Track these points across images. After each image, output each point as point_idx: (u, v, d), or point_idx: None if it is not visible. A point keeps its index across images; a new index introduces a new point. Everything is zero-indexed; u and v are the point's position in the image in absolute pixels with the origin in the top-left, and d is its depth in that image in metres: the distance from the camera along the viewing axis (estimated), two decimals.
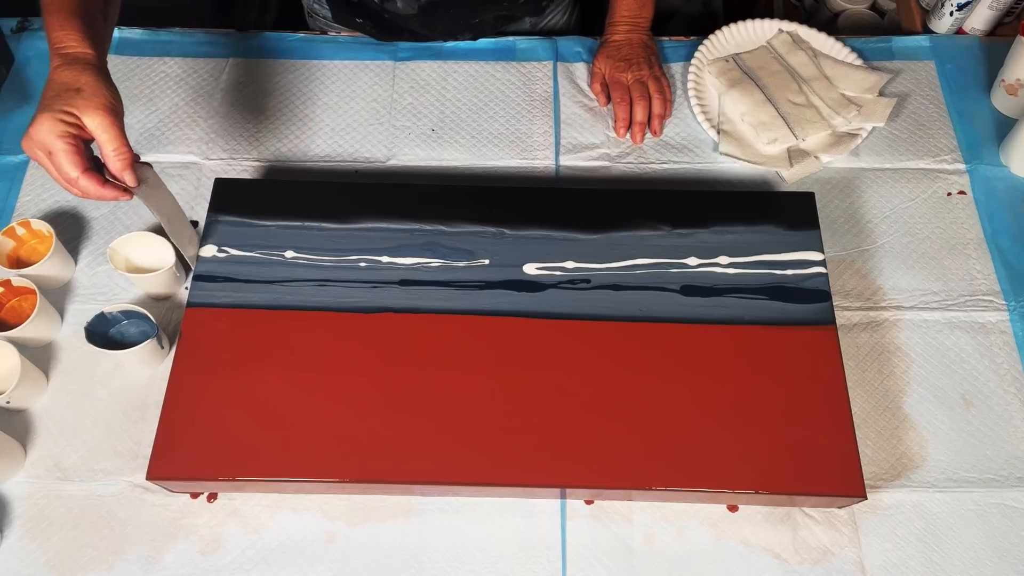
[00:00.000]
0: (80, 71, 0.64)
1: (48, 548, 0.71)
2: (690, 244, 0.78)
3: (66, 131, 0.62)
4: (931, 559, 0.71)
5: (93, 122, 0.64)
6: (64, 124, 0.62)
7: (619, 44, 0.95)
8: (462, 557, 0.71)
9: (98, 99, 0.64)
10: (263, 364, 0.71)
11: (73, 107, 0.63)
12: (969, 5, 0.99)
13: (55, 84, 0.64)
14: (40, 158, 0.64)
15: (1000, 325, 0.82)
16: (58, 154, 0.63)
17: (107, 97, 0.64)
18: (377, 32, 0.98)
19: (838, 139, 0.92)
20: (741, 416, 0.70)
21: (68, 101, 0.63)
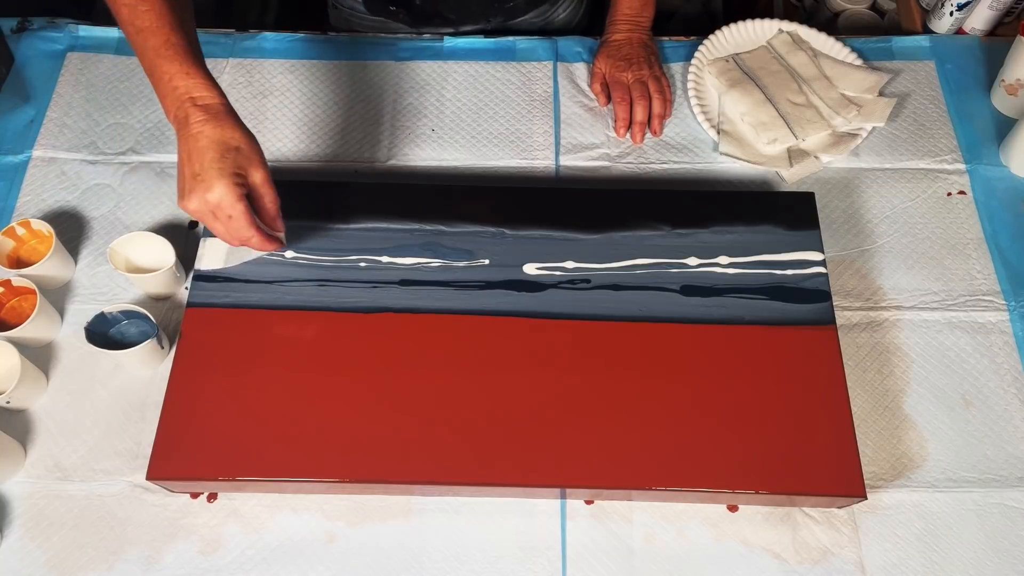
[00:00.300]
0: (225, 124, 0.64)
1: (48, 548, 0.71)
2: (690, 244, 0.78)
3: (242, 194, 0.64)
4: (931, 559, 0.71)
5: (256, 179, 0.65)
6: (240, 188, 0.64)
7: (619, 43, 0.95)
8: (462, 557, 0.71)
9: (256, 155, 0.65)
10: (263, 364, 0.71)
11: (241, 168, 0.64)
12: (969, 5, 0.99)
13: (212, 143, 0.63)
14: (209, 218, 0.65)
15: (1000, 325, 0.82)
16: (238, 218, 0.64)
17: (260, 150, 0.66)
18: (410, 19, 0.97)
19: (838, 139, 0.92)
20: (741, 416, 0.70)
21: (236, 163, 0.63)
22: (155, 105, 0.94)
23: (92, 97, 0.95)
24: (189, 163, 0.63)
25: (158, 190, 0.89)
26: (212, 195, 0.63)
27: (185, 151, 0.64)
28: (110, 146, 0.92)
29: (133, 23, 0.65)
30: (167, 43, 0.64)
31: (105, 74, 0.96)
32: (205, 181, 0.63)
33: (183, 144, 0.64)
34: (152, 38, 0.64)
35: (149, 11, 0.64)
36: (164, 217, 0.87)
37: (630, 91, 0.92)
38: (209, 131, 0.63)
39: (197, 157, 0.63)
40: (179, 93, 0.64)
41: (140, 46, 0.65)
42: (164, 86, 0.64)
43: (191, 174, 0.63)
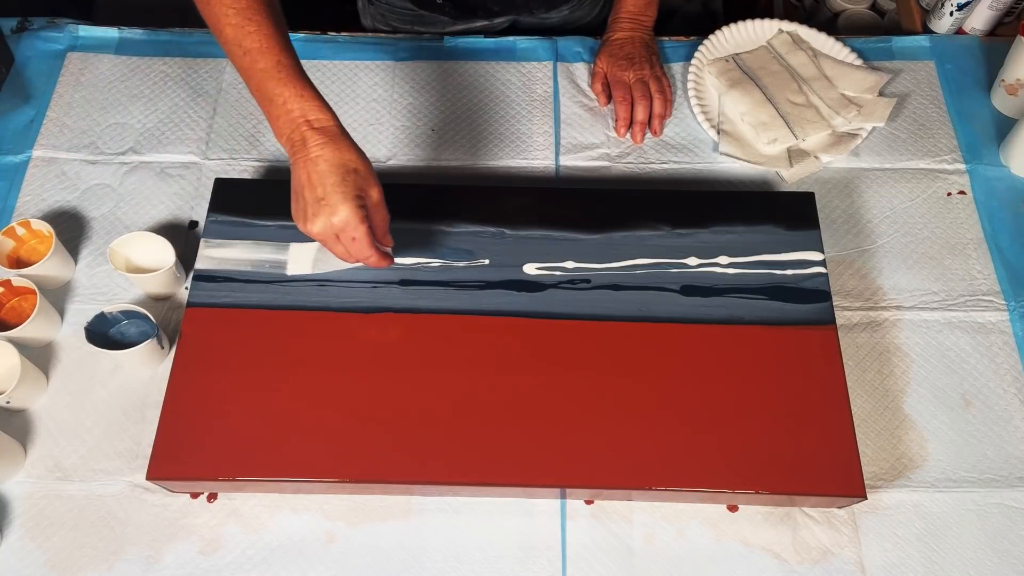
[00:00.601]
0: (342, 146, 0.64)
1: (48, 548, 0.71)
2: (690, 244, 0.78)
3: (364, 216, 0.64)
4: (931, 559, 0.71)
5: (373, 199, 0.65)
6: (362, 210, 0.64)
7: (621, 42, 0.95)
8: (462, 557, 0.71)
9: (372, 175, 0.65)
10: (263, 364, 0.71)
11: (361, 190, 0.64)
12: (969, 5, 0.99)
13: (333, 166, 0.63)
14: (331, 240, 0.65)
15: (1000, 325, 0.82)
16: (361, 239, 0.65)
17: (373, 169, 0.66)
18: (454, 12, 0.97)
19: (838, 139, 0.92)
20: (741, 416, 0.70)
21: (356, 184, 0.64)
22: (155, 105, 0.94)
23: (92, 97, 0.95)
24: (311, 187, 0.63)
25: (158, 190, 0.89)
26: (337, 218, 0.63)
27: (304, 174, 0.63)
28: (110, 146, 0.92)
29: (240, 44, 0.64)
30: (278, 65, 0.63)
31: (105, 74, 0.96)
32: (330, 205, 0.63)
33: (301, 167, 0.64)
34: (262, 60, 0.63)
35: (257, 32, 0.63)
36: (164, 217, 0.87)
37: (631, 91, 0.92)
38: (328, 154, 0.63)
39: (319, 181, 0.63)
40: (294, 116, 0.64)
41: (247, 67, 0.64)
42: (277, 109, 0.64)
43: (314, 198, 0.63)
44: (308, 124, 0.63)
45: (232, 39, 0.64)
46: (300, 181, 0.64)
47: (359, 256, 0.67)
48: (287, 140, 0.64)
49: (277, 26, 0.65)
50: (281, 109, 0.64)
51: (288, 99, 0.63)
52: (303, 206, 0.64)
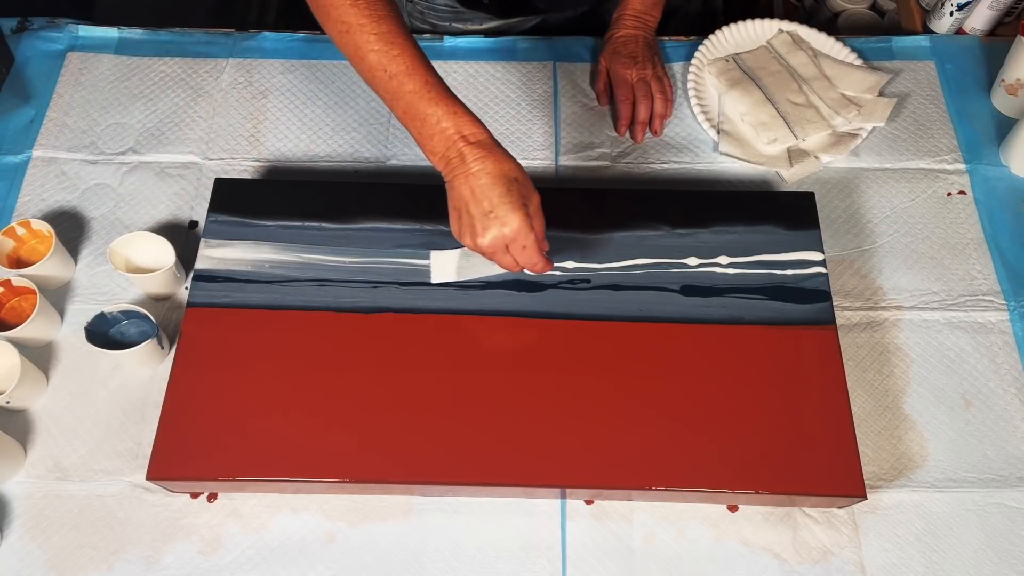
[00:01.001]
0: (500, 157, 0.64)
1: (48, 548, 0.71)
2: (690, 244, 0.78)
3: (531, 224, 0.65)
4: (931, 559, 0.71)
5: (534, 206, 0.66)
6: (529, 218, 0.65)
7: (625, 40, 0.95)
8: (462, 557, 0.71)
9: (529, 182, 0.66)
10: (263, 364, 0.71)
11: (524, 198, 0.65)
12: (969, 5, 0.99)
13: (496, 178, 0.63)
14: (500, 252, 0.66)
15: (1000, 325, 0.82)
16: (531, 247, 0.66)
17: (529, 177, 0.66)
18: (498, 10, 0.98)
19: (838, 139, 0.92)
20: (741, 416, 0.70)
21: (522, 194, 0.65)
22: (155, 105, 0.94)
23: (92, 97, 0.95)
24: (475, 201, 0.64)
25: (158, 190, 0.89)
26: (508, 229, 0.64)
27: (467, 189, 0.64)
28: (110, 146, 0.92)
29: (386, 68, 0.64)
30: (427, 85, 0.64)
31: (105, 74, 0.96)
32: (499, 217, 0.64)
33: (463, 182, 0.64)
34: (410, 82, 0.64)
35: (401, 55, 0.64)
36: (164, 217, 0.87)
37: (634, 90, 0.92)
38: (489, 167, 0.64)
39: (484, 194, 0.64)
40: (449, 133, 0.64)
41: (394, 90, 0.65)
42: (430, 128, 0.64)
43: (481, 212, 0.64)
44: (464, 139, 0.64)
45: (376, 64, 0.65)
46: (462, 197, 0.64)
47: (528, 264, 0.67)
48: (441, 158, 0.65)
49: (417, 47, 0.65)
50: (435, 128, 0.64)
51: (441, 117, 0.64)
52: (469, 221, 0.65)
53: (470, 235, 0.65)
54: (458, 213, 0.66)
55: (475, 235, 0.65)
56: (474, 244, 0.66)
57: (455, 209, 0.66)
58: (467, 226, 0.65)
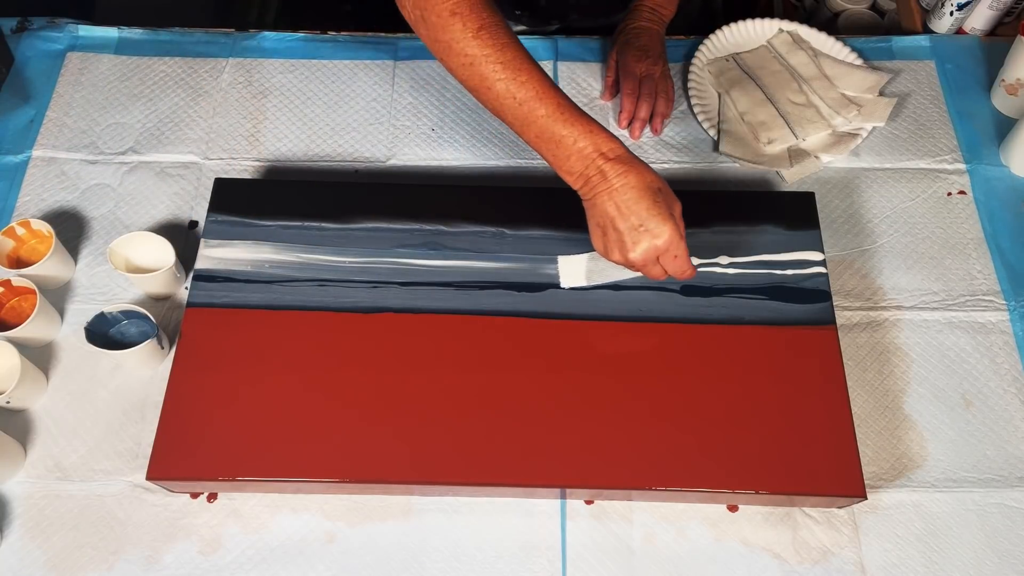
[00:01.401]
0: (640, 170, 0.64)
1: (48, 548, 0.71)
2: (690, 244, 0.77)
3: (682, 232, 0.65)
4: (931, 559, 0.71)
5: (678, 212, 0.67)
6: (678, 227, 0.65)
7: (638, 31, 0.95)
8: (462, 557, 0.71)
9: (670, 190, 0.66)
10: (263, 364, 0.71)
11: (671, 208, 0.65)
12: (969, 5, 0.99)
13: (641, 192, 0.64)
14: (651, 264, 0.66)
15: (1000, 325, 0.82)
16: (682, 255, 0.66)
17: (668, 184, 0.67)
18: (533, 21, 0.98)
19: (838, 139, 0.92)
20: (741, 416, 0.70)
21: (668, 204, 0.65)
22: (155, 105, 0.94)
23: (92, 97, 0.95)
24: (623, 216, 0.64)
25: (158, 190, 0.89)
26: (661, 241, 0.64)
27: (613, 206, 0.64)
28: (110, 146, 0.92)
29: (514, 96, 0.64)
30: (559, 107, 0.64)
31: (105, 74, 0.96)
32: (650, 230, 0.64)
33: (607, 199, 0.64)
34: (542, 106, 0.64)
35: (529, 80, 0.64)
36: (164, 217, 0.87)
37: (640, 86, 0.92)
38: (633, 180, 0.64)
39: (630, 209, 0.64)
40: (587, 152, 0.64)
41: (524, 116, 0.65)
42: (566, 149, 0.65)
43: (630, 227, 0.64)
44: (603, 156, 0.64)
45: (504, 93, 0.65)
46: (607, 214, 0.65)
47: (678, 272, 0.67)
48: (579, 177, 0.65)
49: (541, 71, 0.65)
50: (572, 148, 0.64)
51: (578, 137, 0.64)
52: (617, 237, 0.65)
53: (618, 250, 0.66)
54: (602, 230, 0.66)
55: (625, 250, 0.65)
56: (624, 259, 0.66)
57: (598, 226, 0.67)
58: (614, 242, 0.66)
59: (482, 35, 0.64)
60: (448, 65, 0.67)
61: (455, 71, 0.67)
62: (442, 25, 0.65)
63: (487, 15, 0.65)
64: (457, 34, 0.64)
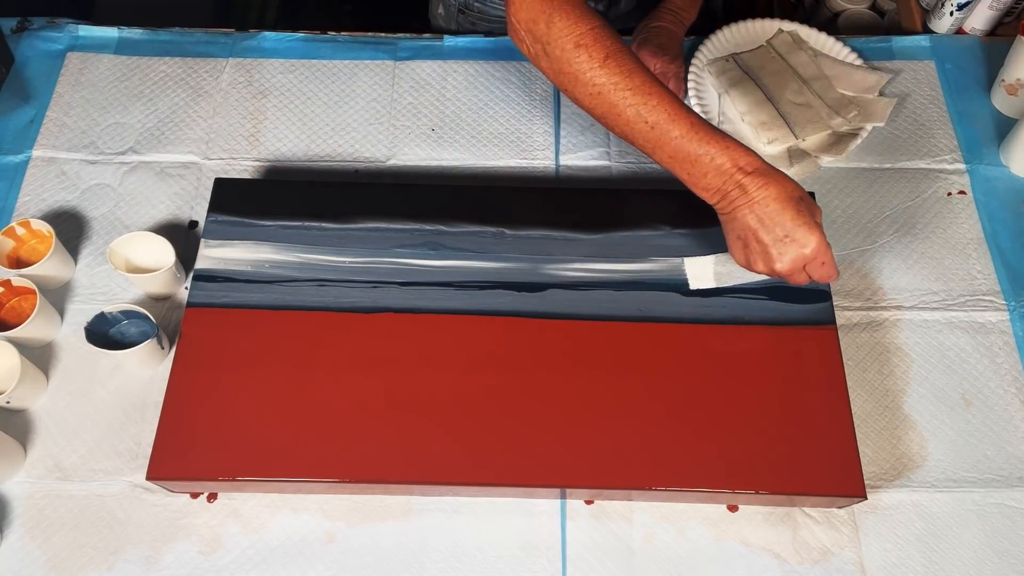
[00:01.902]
0: (780, 180, 0.65)
1: (48, 548, 0.71)
2: (690, 244, 0.78)
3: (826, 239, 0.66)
4: (931, 559, 0.71)
5: (819, 218, 0.67)
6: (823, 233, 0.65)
7: (658, 31, 0.95)
8: (462, 557, 0.71)
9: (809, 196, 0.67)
10: (263, 364, 0.71)
11: (813, 215, 0.65)
12: (969, 5, 0.99)
13: (783, 202, 0.64)
14: (798, 272, 0.66)
15: (1000, 325, 0.82)
16: (829, 261, 0.66)
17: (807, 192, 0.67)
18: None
19: (838, 139, 0.92)
20: (741, 416, 0.70)
21: (810, 211, 0.65)
22: (155, 105, 0.94)
23: (92, 97, 0.95)
24: (766, 228, 0.65)
25: (158, 190, 0.89)
26: (809, 250, 0.64)
27: (754, 218, 0.65)
28: (110, 146, 0.92)
29: (646, 120, 0.65)
30: (692, 127, 0.65)
31: (105, 74, 0.96)
32: (797, 240, 0.64)
33: (748, 211, 0.65)
34: (675, 128, 0.65)
35: (659, 103, 0.65)
36: (164, 217, 0.87)
37: None
38: (774, 192, 0.64)
39: (774, 220, 0.64)
40: (725, 168, 0.64)
41: (657, 139, 0.66)
42: (703, 167, 0.65)
43: (775, 239, 0.65)
44: (741, 171, 0.64)
45: (635, 118, 0.65)
46: (749, 227, 0.65)
47: (824, 277, 0.67)
48: (716, 192, 0.66)
49: (669, 91, 0.66)
50: (709, 166, 0.65)
51: (715, 155, 0.64)
52: (761, 249, 0.66)
53: (763, 262, 0.66)
54: (743, 243, 0.67)
55: (771, 261, 0.65)
56: (769, 270, 0.66)
57: (739, 239, 0.67)
58: (758, 254, 0.66)
59: (609, 64, 0.65)
60: (573, 95, 0.67)
61: (581, 100, 0.67)
62: (567, 58, 0.65)
63: (610, 42, 0.65)
64: (583, 65, 0.65)
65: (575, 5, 0.65)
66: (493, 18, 1.04)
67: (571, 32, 0.65)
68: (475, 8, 1.03)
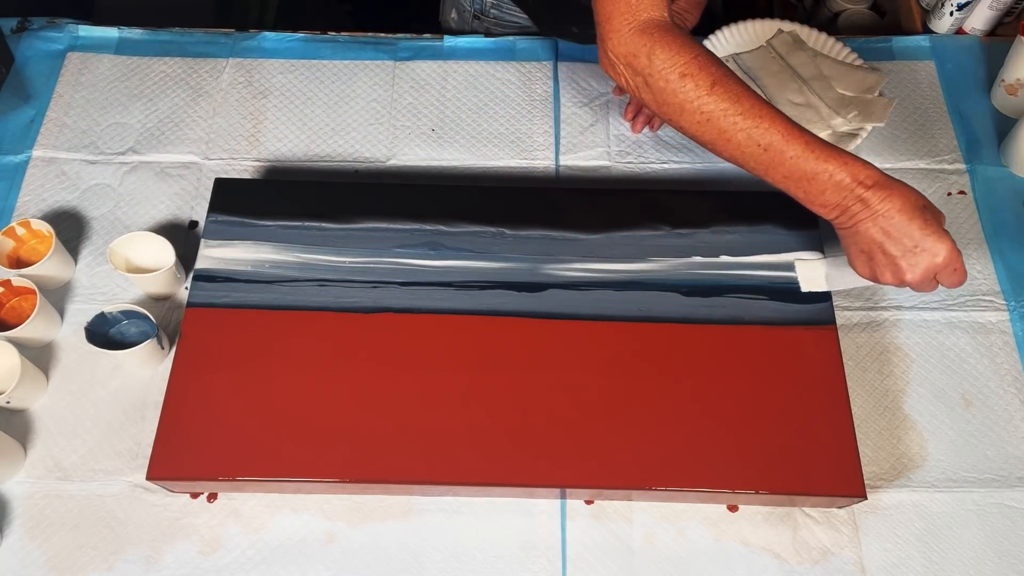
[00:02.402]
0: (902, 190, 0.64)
1: (48, 548, 0.71)
2: (690, 244, 0.78)
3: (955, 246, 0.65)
4: (931, 559, 0.71)
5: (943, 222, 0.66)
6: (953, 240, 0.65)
7: None
8: (462, 557, 0.71)
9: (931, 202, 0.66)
10: (263, 364, 0.71)
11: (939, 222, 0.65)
12: (969, 5, 0.99)
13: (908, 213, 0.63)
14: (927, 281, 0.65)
15: (1000, 325, 0.82)
16: (960, 267, 0.65)
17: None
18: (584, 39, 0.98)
19: (838, 139, 0.92)
20: (741, 416, 0.70)
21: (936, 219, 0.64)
22: (155, 105, 0.94)
23: (92, 97, 0.95)
24: (893, 241, 0.64)
25: (158, 190, 0.89)
26: (940, 258, 0.64)
27: (878, 231, 0.64)
28: (110, 146, 0.92)
29: (758, 144, 0.65)
30: (807, 146, 0.64)
31: (105, 74, 0.96)
32: (927, 249, 0.63)
33: (872, 225, 0.64)
34: (789, 148, 0.64)
35: (771, 126, 0.64)
36: (164, 217, 0.87)
37: None
38: (898, 204, 0.63)
39: (901, 232, 0.64)
40: (845, 184, 0.64)
41: (770, 161, 0.65)
42: (820, 185, 0.64)
43: (903, 250, 0.64)
44: (862, 185, 0.64)
45: (746, 142, 0.65)
46: (873, 240, 0.65)
47: (955, 283, 0.66)
48: (835, 208, 0.65)
49: (778, 112, 0.65)
50: (827, 183, 0.64)
51: (833, 171, 0.64)
52: (888, 261, 0.65)
53: (892, 274, 0.66)
54: (868, 256, 0.66)
55: (900, 272, 0.65)
56: (899, 281, 0.66)
57: (863, 252, 0.67)
58: (885, 266, 0.66)
59: (716, 91, 0.64)
60: (679, 123, 0.67)
61: (687, 128, 0.67)
62: (672, 89, 0.65)
63: (715, 69, 0.65)
64: (690, 94, 0.65)
65: (675, 35, 0.65)
66: (509, 24, 1.03)
67: (674, 63, 0.64)
68: (491, 14, 1.03)
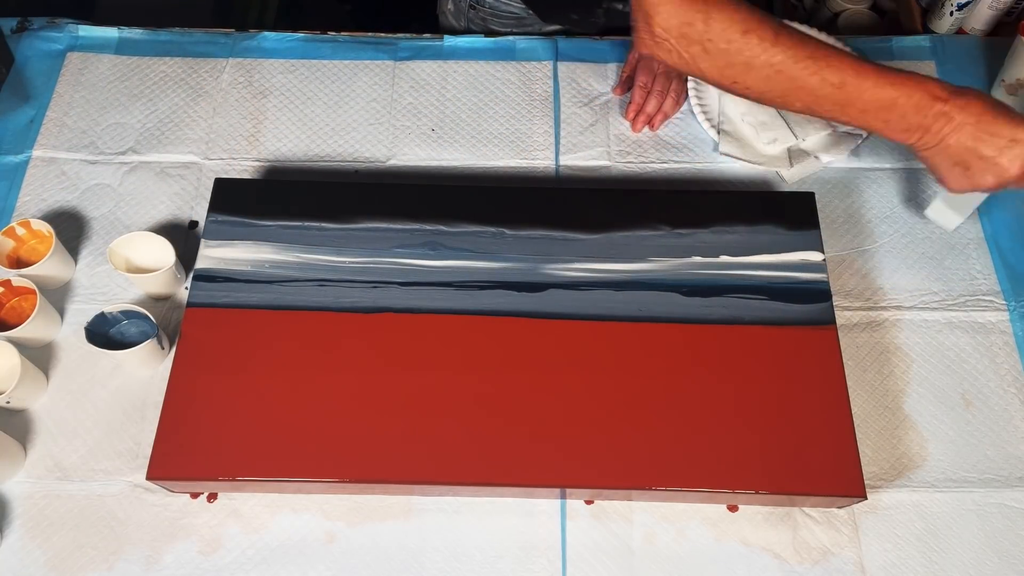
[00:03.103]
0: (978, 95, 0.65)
1: (48, 548, 0.71)
2: (690, 244, 0.78)
3: None
4: (931, 559, 0.71)
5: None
6: None
7: None
8: (462, 557, 0.71)
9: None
10: (263, 364, 0.71)
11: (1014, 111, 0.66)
12: (969, 5, 0.99)
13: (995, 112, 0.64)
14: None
15: (1000, 325, 0.82)
16: None
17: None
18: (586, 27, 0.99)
19: (838, 139, 0.92)
20: (741, 416, 0.70)
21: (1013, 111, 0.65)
22: (155, 105, 0.94)
23: (92, 97, 0.95)
24: (987, 142, 0.65)
25: (158, 190, 0.89)
26: None
27: (971, 138, 0.65)
28: (110, 146, 0.92)
29: (832, 82, 0.65)
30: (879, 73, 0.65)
31: (105, 74, 0.96)
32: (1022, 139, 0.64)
33: (957, 136, 0.65)
34: (863, 80, 0.65)
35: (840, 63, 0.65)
36: (164, 217, 0.87)
37: (654, 82, 0.92)
38: (977, 108, 0.64)
39: (991, 131, 0.64)
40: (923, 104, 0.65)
41: (848, 96, 0.66)
42: (901, 108, 0.65)
43: (998, 148, 0.64)
44: (940, 100, 0.65)
45: (820, 85, 0.66)
46: (967, 147, 0.65)
47: None
48: (917, 128, 0.66)
49: (838, 47, 0.66)
50: (907, 106, 0.65)
51: (911, 92, 0.65)
52: (988, 164, 0.65)
53: (993, 175, 0.66)
54: (963, 166, 0.66)
55: (1002, 171, 0.65)
56: (1002, 181, 0.66)
57: (957, 164, 0.67)
58: (985, 170, 0.66)
59: (781, 40, 0.65)
60: (745, 82, 0.67)
61: (755, 85, 0.67)
62: (736, 48, 0.65)
63: (771, 20, 0.65)
64: (756, 49, 0.65)
65: None
66: (504, 14, 1.04)
67: (733, 21, 0.64)
68: (486, 4, 1.03)
